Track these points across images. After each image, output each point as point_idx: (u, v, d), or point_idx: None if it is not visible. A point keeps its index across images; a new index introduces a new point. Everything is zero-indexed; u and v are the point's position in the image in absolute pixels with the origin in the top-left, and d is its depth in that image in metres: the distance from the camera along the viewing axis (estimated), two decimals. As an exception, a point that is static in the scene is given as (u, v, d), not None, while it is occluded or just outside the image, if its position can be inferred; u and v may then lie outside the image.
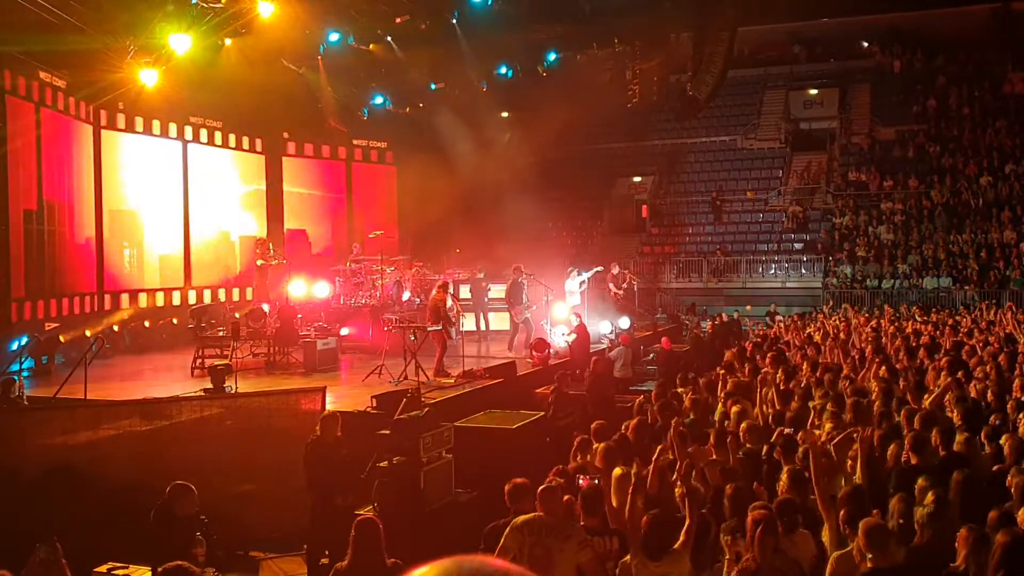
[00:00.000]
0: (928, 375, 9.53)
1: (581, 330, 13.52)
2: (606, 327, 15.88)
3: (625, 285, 19.00)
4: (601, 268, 17.59)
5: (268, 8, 13.62)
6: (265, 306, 14.37)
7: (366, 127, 21.05)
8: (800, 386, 8.79)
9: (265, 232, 19.03)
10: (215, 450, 8.05)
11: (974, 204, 24.15)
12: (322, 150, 20.98)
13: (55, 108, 14.14)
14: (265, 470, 8.05)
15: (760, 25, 26.86)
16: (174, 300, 17.11)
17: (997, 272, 21.90)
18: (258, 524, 7.75)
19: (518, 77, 20.41)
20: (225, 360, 11.42)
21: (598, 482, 5.63)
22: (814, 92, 29.80)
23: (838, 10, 29.08)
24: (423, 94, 20.37)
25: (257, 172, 19.68)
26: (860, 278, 23.14)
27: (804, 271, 24.27)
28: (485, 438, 8.78)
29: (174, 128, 17.32)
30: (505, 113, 22.72)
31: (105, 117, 15.72)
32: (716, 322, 18.92)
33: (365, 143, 21.67)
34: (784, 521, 4.77)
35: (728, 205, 27.37)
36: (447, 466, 7.88)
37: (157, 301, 16.82)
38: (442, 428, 7.99)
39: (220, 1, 13.69)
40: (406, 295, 16.45)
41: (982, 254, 22.49)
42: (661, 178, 29.31)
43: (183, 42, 13.66)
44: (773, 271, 24.62)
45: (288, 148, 20.32)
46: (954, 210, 24.29)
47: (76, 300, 14.77)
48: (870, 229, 24.78)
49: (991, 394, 7.98)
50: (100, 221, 15.67)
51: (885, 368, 9.33)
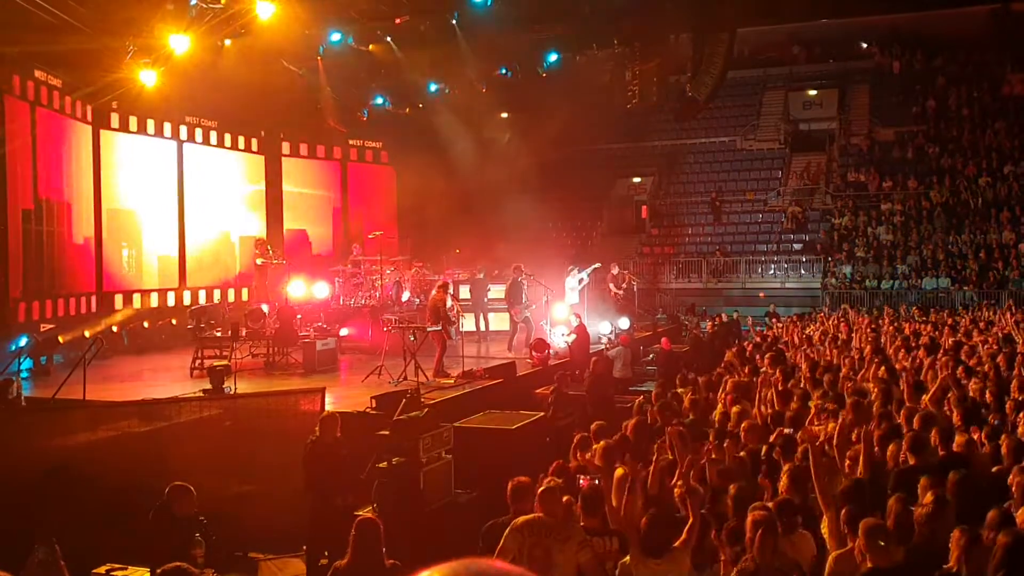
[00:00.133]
0: (927, 375, 9.55)
1: (581, 330, 13.51)
2: (606, 327, 15.88)
3: (625, 285, 19.00)
4: (599, 265, 17.59)
5: (267, 8, 13.59)
6: (264, 306, 14.35)
7: (365, 128, 21.04)
8: (799, 386, 8.80)
9: (265, 232, 19.03)
10: (214, 451, 8.04)
11: (973, 205, 24.16)
12: (321, 151, 20.98)
13: (51, 107, 14.08)
14: (264, 471, 8.04)
15: (760, 26, 26.92)
16: (171, 301, 17.09)
17: (996, 272, 21.91)
18: (257, 525, 7.75)
19: (517, 78, 20.39)
20: (224, 361, 11.40)
21: (598, 482, 5.63)
22: (813, 93, 29.81)
23: (837, 11, 29.12)
24: (423, 95, 20.36)
25: (256, 172, 19.67)
26: (859, 279, 23.15)
27: (803, 271, 24.29)
28: (485, 438, 8.78)
29: (172, 128, 17.29)
30: (505, 114, 22.70)
31: (104, 117, 15.71)
32: (715, 322, 18.94)
33: (364, 144, 21.68)
34: (783, 522, 4.76)
35: (727, 206, 27.39)
36: (447, 466, 7.88)
37: (156, 302, 16.80)
38: (442, 429, 7.99)
39: (220, 2, 13.69)
40: (406, 295, 16.44)
41: (981, 255, 22.50)
42: (661, 179, 29.33)
43: (182, 42, 13.66)
44: (772, 271, 24.63)
45: (287, 148, 20.32)
46: (953, 211, 24.30)
47: (74, 301, 14.73)
48: (869, 230, 24.79)
49: (989, 394, 7.99)
50: (99, 221, 15.65)
51: (884, 368, 9.33)
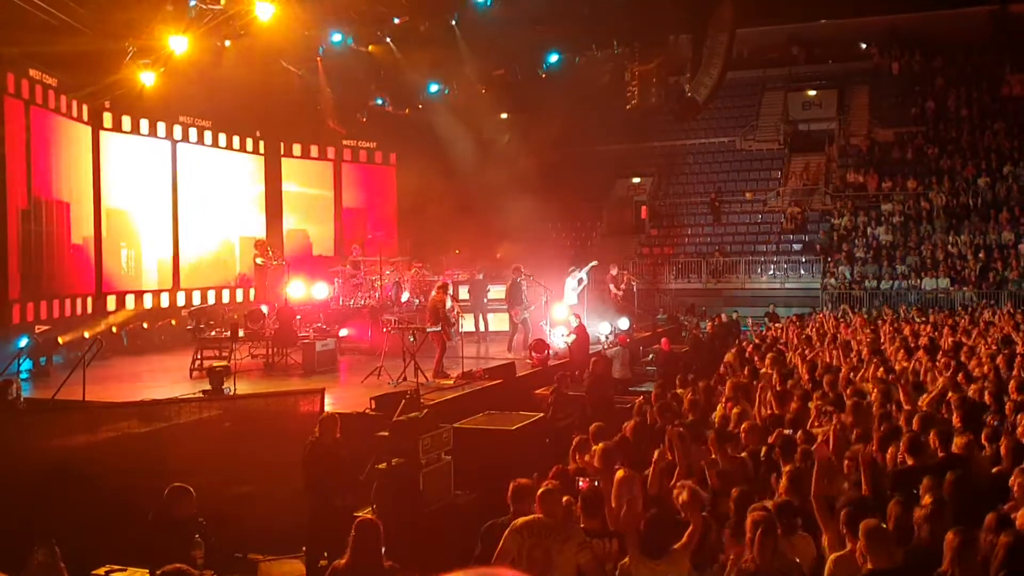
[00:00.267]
0: (926, 376, 9.55)
1: (580, 331, 13.51)
2: (605, 328, 15.88)
3: (624, 286, 19.01)
4: (596, 263, 17.57)
5: (266, 9, 13.60)
6: (264, 307, 14.35)
7: (365, 128, 21.04)
8: (799, 387, 8.79)
9: (264, 233, 19.02)
10: (214, 452, 8.03)
11: (972, 205, 24.16)
12: (321, 151, 20.96)
13: (45, 106, 13.98)
14: (264, 472, 8.04)
15: (759, 26, 26.89)
16: (171, 301, 17.08)
17: (995, 273, 21.92)
18: (257, 526, 7.74)
19: (517, 79, 20.41)
20: (224, 361, 11.40)
21: (597, 484, 5.63)
22: (813, 93, 29.80)
23: (837, 12, 29.11)
24: (422, 95, 20.37)
25: (256, 173, 19.67)
26: (859, 279, 23.16)
27: (803, 272, 24.29)
28: (484, 439, 8.77)
29: (171, 128, 17.25)
30: (504, 114, 22.71)
31: (102, 117, 15.69)
32: (715, 323, 18.94)
33: (364, 144, 21.67)
34: (783, 523, 4.77)
35: (727, 206, 27.39)
36: (446, 467, 7.87)
37: (155, 302, 16.79)
38: (441, 429, 7.99)
39: (219, 2, 13.69)
40: (405, 296, 16.42)
41: (980, 255, 22.51)
42: (660, 179, 29.32)
43: (181, 43, 13.66)
44: (772, 272, 24.63)
45: (287, 149, 20.31)
46: (952, 211, 24.30)
47: (72, 302, 14.66)
48: (869, 230, 24.79)
49: (989, 395, 7.98)
50: (98, 222, 15.62)
51: (883, 369, 9.33)
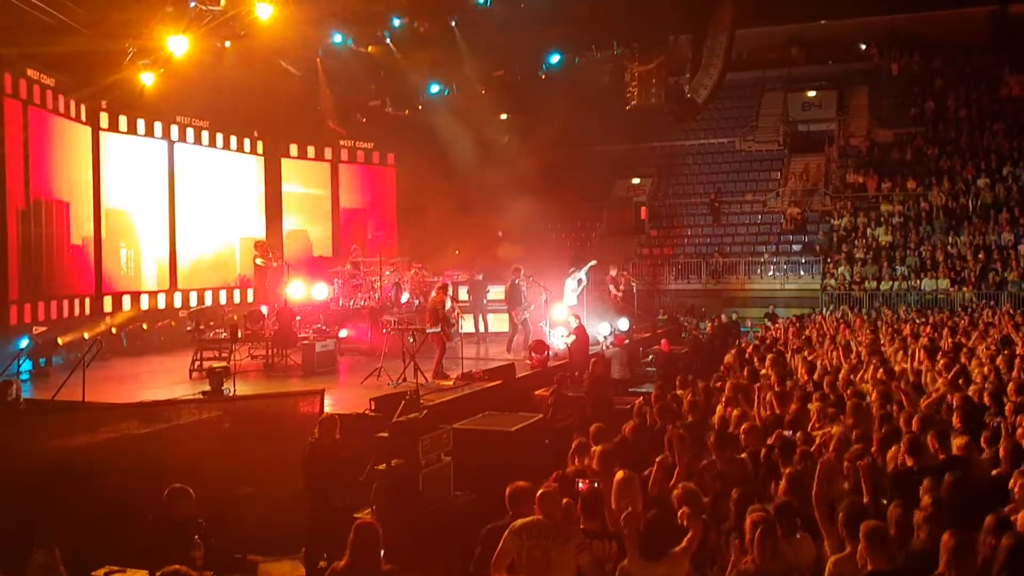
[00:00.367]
0: (926, 377, 9.55)
1: (580, 331, 13.50)
2: (605, 328, 15.87)
3: (623, 287, 19.00)
4: (595, 262, 17.56)
5: (266, 10, 13.60)
6: (264, 308, 14.35)
7: (365, 129, 21.05)
8: (798, 388, 8.79)
9: (264, 234, 19.02)
10: (213, 453, 8.02)
11: (972, 206, 24.16)
12: (320, 152, 20.97)
13: (43, 106, 13.93)
14: (263, 473, 8.04)
15: (758, 27, 26.87)
16: (171, 302, 17.06)
17: (995, 274, 21.92)
18: (256, 527, 7.74)
19: (517, 79, 20.42)
20: (223, 362, 11.41)
21: (597, 485, 5.63)
22: (812, 94, 29.81)
23: (836, 12, 29.10)
24: (422, 96, 20.38)
25: (256, 174, 19.67)
26: (858, 280, 23.16)
27: (802, 273, 24.28)
28: (484, 440, 8.77)
29: (169, 129, 17.23)
30: (504, 115, 22.71)
31: (101, 118, 15.68)
32: (715, 324, 18.94)
33: (364, 145, 21.67)
34: (783, 524, 4.76)
35: (726, 207, 27.41)
36: (446, 468, 7.87)
37: (155, 303, 16.78)
38: (441, 430, 7.98)
39: (219, 3, 13.69)
40: (405, 297, 16.43)
41: (980, 256, 22.51)
42: (660, 180, 29.33)
43: (181, 44, 13.67)
44: (772, 273, 24.62)
45: (286, 150, 20.31)
46: (952, 212, 24.30)
47: (72, 303, 14.65)
48: (868, 231, 24.79)
49: (988, 396, 7.98)
50: (98, 222, 15.62)
51: (883, 370, 9.33)
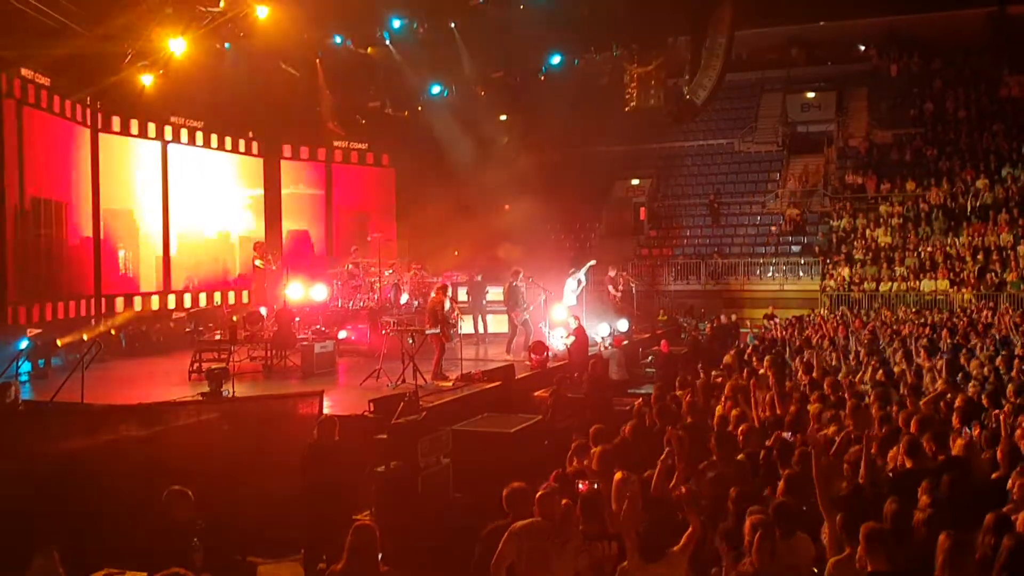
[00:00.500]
0: (925, 378, 9.55)
1: (579, 332, 13.50)
2: (604, 329, 15.86)
3: (623, 287, 19.00)
4: (595, 262, 17.54)
5: (265, 11, 13.61)
6: (262, 309, 14.34)
7: (364, 130, 21.05)
8: (797, 389, 8.79)
9: (263, 234, 19.02)
10: (212, 454, 8.00)
11: (971, 207, 24.17)
12: (320, 153, 20.97)
13: (38, 106, 13.85)
14: (262, 474, 8.02)
15: (758, 28, 26.89)
16: (170, 303, 17.05)
17: (994, 275, 21.93)
18: (255, 529, 7.72)
19: (516, 81, 20.44)
20: (222, 364, 11.39)
21: (597, 486, 5.62)
22: (811, 95, 29.82)
23: (835, 13, 29.11)
24: (422, 97, 20.39)
25: (255, 175, 19.67)
26: (858, 281, 23.16)
27: (802, 274, 24.28)
28: (483, 442, 8.76)
29: (166, 130, 17.22)
30: (503, 116, 22.72)
31: (99, 119, 15.66)
32: (714, 324, 18.95)
33: (363, 146, 21.68)
34: (781, 526, 4.76)
35: (726, 208, 27.42)
36: (445, 470, 7.86)
37: (154, 304, 16.77)
38: (440, 432, 7.98)
39: (218, 5, 13.70)
40: (404, 298, 16.42)
41: (979, 257, 22.52)
42: (659, 181, 29.35)
43: (180, 45, 13.69)
44: (771, 274, 24.63)
45: (286, 151, 20.32)
46: (951, 213, 24.32)
47: (67, 304, 14.60)
48: (867, 232, 24.80)
49: (987, 397, 7.99)
50: (97, 223, 15.60)
51: (882, 371, 9.34)
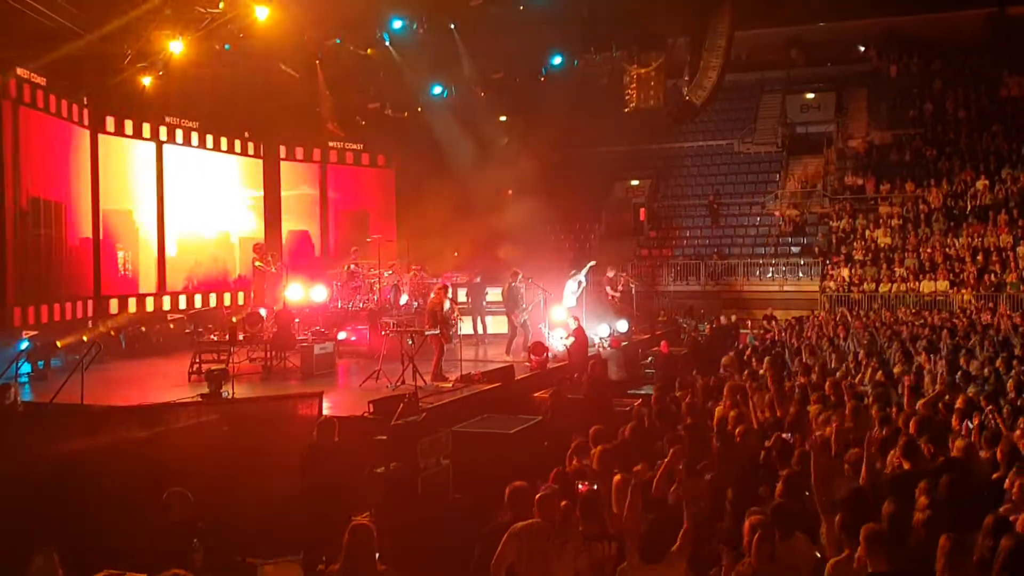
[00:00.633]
0: (925, 379, 9.56)
1: (579, 333, 13.51)
2: (604, 330, 15.87)
3: (621, 288, 19.00)
4: (595, 263, 17.56)
5: (264, 12, 13.61)
6: (262, 311, 14.33)
7: (364, 131, 21.04)
8: (797, 390, 8.80)
9: (263, 235, 19.01)
10: (212, 455, 8.00)
11: (970, 208, 24.19)
12: (319, 154, 20.96)
13: (34, 106, 13.73)
14: (262, 475, 8.01)
15: (757, 29, 26.90)
16: (164, 304, 17.03)
17: (994, 275, 21.94)
18: (255, 530, 7.71)
19: (516, 81, 20.45)
20: (222, 365, 11.40)
21: (596, 487, 5.63)
22: (811, 96, 29.83)
23: (835, 14, 29.14)
24: (421, 98, 20.40)
25: (255, 176, 19.67)
26: (857, 281, 23.17)
27: (801, 275, 24.30)
28: (483, 443, 8.77)
29: (166, 131, 17.17)
30: (503, 117, 22.72)
31: (99, 119, 15.64)
32: (714, 325, 18.96)
33: (363, 147, 21.67)
34: (780, 526, 4.76)
35: (725, 208, 27.43)
36: (445, 471, 7.87)
37: (154, 305, 16.76)
38: (439, 433, 8.00)
39: (218, 6, 13.71)
40: (404, 299, 16.42)
41: (978, 258, 22.53)
42: (658, 182, 29.36)
43: (179, 46, 13.69)
44: (771, 274, 24.64)
45: (285, 152, 20.31)
46: (951, 214, 24.33)
47: (64, 305, 14.53)
48: (867, 233, 24.81)
49: (986, 398, 7.99)
50: (96, 224, 15.59)
51: (881, 372, 9.35)
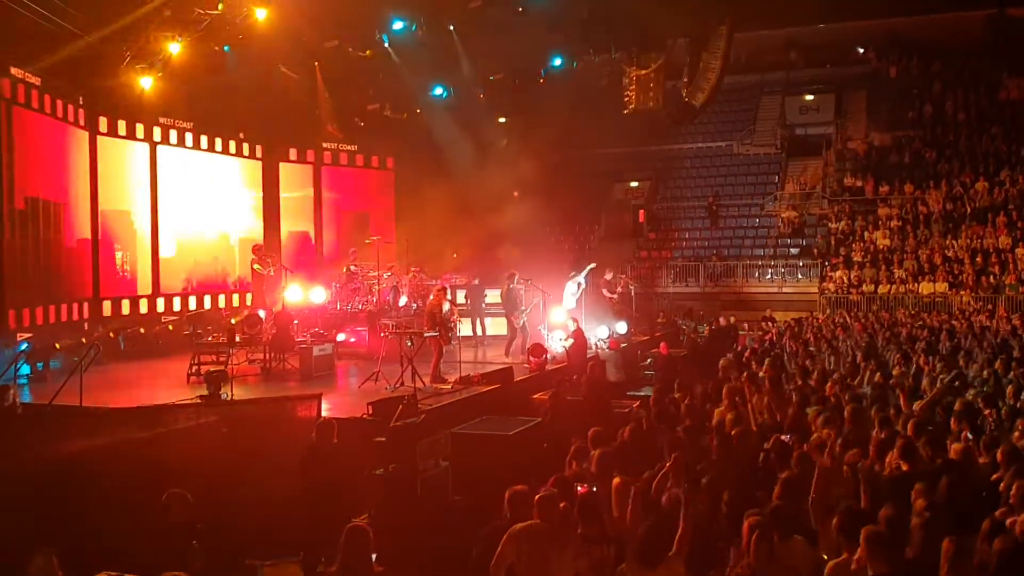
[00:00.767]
0: (924, 381, 9.57)
1: (578, 335, 13.51)
2: (603, 332, 15.87)
3: (620, 289, 19.00)
4: (595, 264, 17.56)
5: (263, 14, 13.63)
6: (261, 312, 14.33)
7: (363, 132, 21.05)
8: (796, 392, 8.80)
9: (262, 237, 19.02)
10: (211, 457, 8.00)
11: (970, 210, 24.21)
12: (319, 155, 20.96)
13: (29, 107, 13.67)
14: (261, 477, 8.01)
15: (757, 31, 26.93)
16: (163, 306, 17.03)
17: (993, 277, 21.96)
18: (254, 531, 7.72)
19: (515, 83, 20.47)
20: (221, 367, 11.39)
21: (595, 490, 5.63)
22: (810, 98, 29.85)
23: (834, 16, 29.16)
24: (420, 100, 20.41)
25: (254, 177, 19.67)
26: (856, 283, 23.18)
27: (800, 276, 24.31)
28: (482, 445, 8.76)
29: (165, 132, 17.19)
30: (502, 118, 22.74)
31: (97, 121, 15.64)
32: (713, 327, 18.97)
33: (362, 148, 21.66)
34: (779, 528, 4.77)
35: (724, 210, 27.44)
36: (444, 473, 7.86)
37: (153, 307, 16.75)
38: (439, 435, 7.99)
39: (217, 7, 13.72)
40: (403, 300, 16.41)
41: (978, 259, 22.55)
42: (657, 183, 29.37)
43: (178, 48, 13.70)
44: (770, 276, 24.64)
45: (285, 154, 20.31)
46: (950, 215, 24.35)
47: (61, 307, 14.49)
48: (866, 234, 24.82)
49: (985, 400, 8.00)
50: (95, 225, 15.58)
51: (880, 374, 9.36)
